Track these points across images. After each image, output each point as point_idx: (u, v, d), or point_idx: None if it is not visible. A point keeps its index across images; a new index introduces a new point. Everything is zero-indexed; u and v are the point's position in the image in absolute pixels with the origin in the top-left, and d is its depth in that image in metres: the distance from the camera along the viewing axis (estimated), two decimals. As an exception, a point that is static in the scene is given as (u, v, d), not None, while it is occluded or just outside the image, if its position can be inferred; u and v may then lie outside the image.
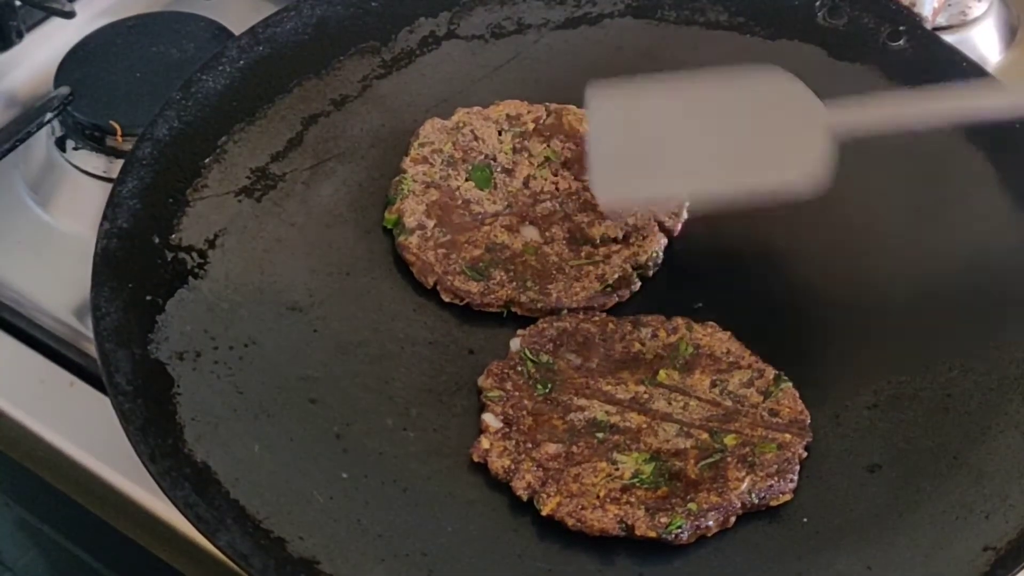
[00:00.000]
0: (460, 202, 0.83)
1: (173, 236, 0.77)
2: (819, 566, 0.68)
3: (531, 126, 0.86)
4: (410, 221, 0.81)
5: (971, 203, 0.83)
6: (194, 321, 0.74)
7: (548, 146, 0.85)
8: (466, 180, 0.84)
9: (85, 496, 0.81)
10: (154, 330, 0.73)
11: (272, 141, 0.83)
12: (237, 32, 0.89)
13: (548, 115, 0.87)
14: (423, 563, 0.67)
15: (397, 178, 0.83)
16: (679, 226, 0.82)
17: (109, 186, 0.78)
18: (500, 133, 0.86)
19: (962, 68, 0.88)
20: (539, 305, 0.78)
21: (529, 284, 0.79)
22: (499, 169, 0.84)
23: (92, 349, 0.73)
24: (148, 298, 0.74)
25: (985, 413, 0.73)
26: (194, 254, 0.77)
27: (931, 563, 0.68)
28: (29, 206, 0.93)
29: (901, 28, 0.89)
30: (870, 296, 0.80)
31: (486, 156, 0.85)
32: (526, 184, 0.84)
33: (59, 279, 0.88)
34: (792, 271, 0.81)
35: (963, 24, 1.02)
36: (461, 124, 0.86)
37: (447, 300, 0.79)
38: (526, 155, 0.85)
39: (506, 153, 0.85)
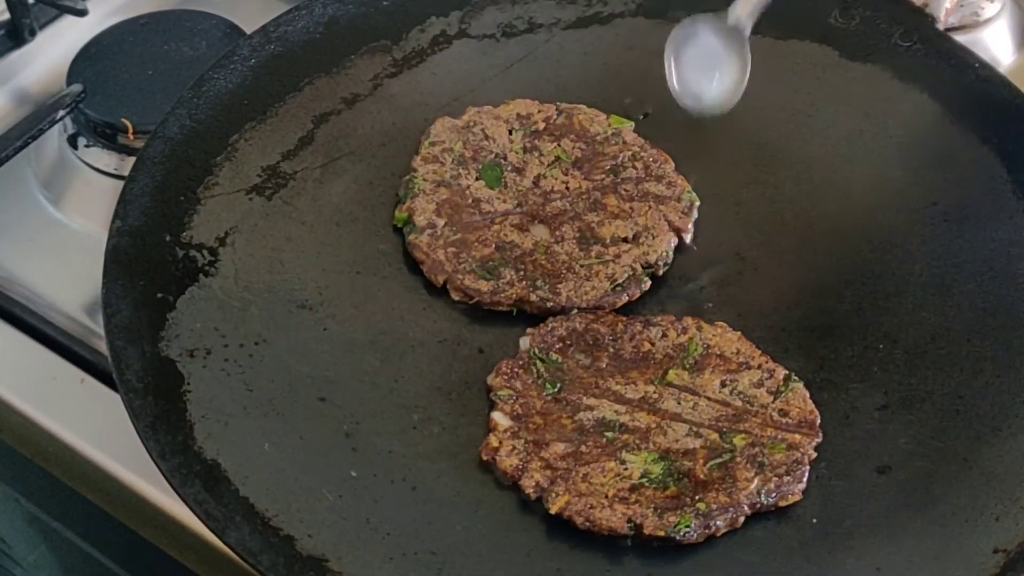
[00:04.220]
0: (470, 201, 0.82)
1: (184, 234, 0.77)
2: (828, 567, 0.68)
3: (541, 125, 0.86)
4: (420, 220, 0.81)
5: (986, 206, 0.82)
6: (204, 319, 0.74)
7: (558, 145, 0.85)
8: (476, 179, 0.84)
9: (95, 492, 0.82)
10: (165, 327, 0.73)
11: (283, 139, 0.84)
12: (249, 30, 0.89)
13: (559, 114, 0.87)
14: (432, 562, 0.67)
15: (407, 177, 0.83)
16: (689, 225, 0.82)
17: (120, 183, 0.79)
18: (510, 132, 0.86)
19: (974, 69, 0.87)
20: (549, 304, 0.78)
21: (539, 283, 0.79)
22: (509, 168, 0.84)
23: (103, 346, 0.74)
24: (159, 295, 0.74)
25: (996, 415, 0.73)
26: (205, 252, 0.77)
27: (941, 565, 0.68)
28: (41, 203, 0.93)
29: (913, 29, 0.89)
30: (882, 297, 0.79)
31: (496, 155, 0.85)
32: (536, 183, 0.84)
33: (70, 276, 0.88)
34: (803, 271, 0.81)
35: (975, 25, 1.02)
36: (472, 123, 0.86)
37: (457, 299, 0.79)
38: (536, 154, 0.85)
39: (516, 152, 0.85)
